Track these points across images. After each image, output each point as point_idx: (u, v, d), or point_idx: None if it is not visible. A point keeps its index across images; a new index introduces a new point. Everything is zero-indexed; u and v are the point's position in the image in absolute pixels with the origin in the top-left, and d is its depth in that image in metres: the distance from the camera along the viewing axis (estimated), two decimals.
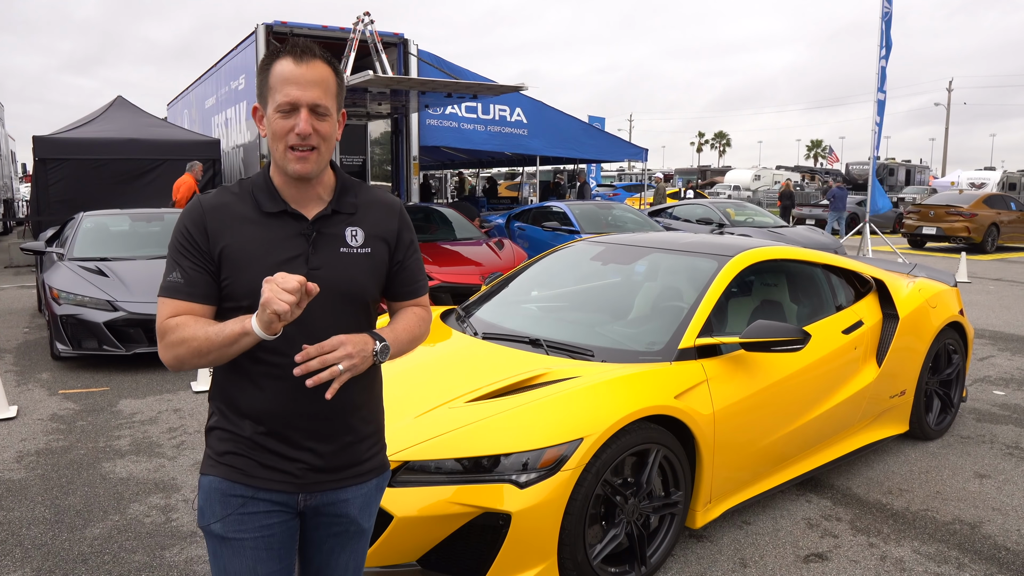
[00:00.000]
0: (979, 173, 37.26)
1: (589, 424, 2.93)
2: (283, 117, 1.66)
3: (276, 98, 1.66)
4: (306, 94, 1.64)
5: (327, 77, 1.68)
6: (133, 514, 3.83)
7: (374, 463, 1.86)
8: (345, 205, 1.77)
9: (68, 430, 5.07)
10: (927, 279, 5.15)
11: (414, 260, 1.89)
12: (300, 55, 1.66)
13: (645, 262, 4.32)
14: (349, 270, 1.73)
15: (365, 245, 1.76)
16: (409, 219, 1.88)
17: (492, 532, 2.80)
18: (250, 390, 1.71)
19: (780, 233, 12.59)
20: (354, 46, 12.09)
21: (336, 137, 1.75)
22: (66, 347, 6.52)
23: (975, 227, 17.77)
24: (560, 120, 17.30)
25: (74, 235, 7.76)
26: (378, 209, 1.82)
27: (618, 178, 41.68)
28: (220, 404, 1.77)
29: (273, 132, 1.68)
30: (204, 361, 1.62)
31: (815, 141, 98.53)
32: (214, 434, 1.78)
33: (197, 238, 1.69)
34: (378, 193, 1.86)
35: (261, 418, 1.72)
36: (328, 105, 1.68)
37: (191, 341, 1.60)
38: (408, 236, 1.86)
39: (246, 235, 1.69)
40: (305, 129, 1.64)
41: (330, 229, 1.74)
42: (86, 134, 13.09)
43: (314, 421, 1.73)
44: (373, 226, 1.78)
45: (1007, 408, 5.64)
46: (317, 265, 1.70)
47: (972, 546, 3.60)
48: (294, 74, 1.65)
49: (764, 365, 3.68)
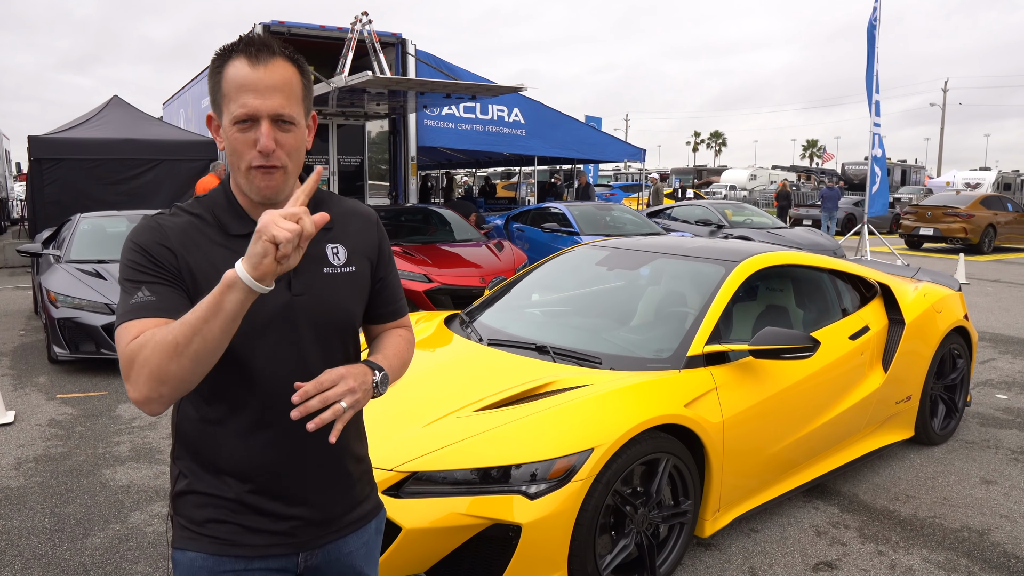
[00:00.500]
0: (974, 173, 37.37)
1: (600, 434, 2.89)
2: (241, 130, 1.41)
3: (231, 108, 1.40)
4: (266, 103, 1.39)
5: (290, 79, 1.43)
6: (134, 523, 3.78)
7: (369, 504, 1.68)
8: None
9: (67, 436, 5.02)
10: (932, 283, 5.13)
11: (394, 276, 1.71)
12: (256, 54, 1.40)
13: (651, 267, 4.28)
14: (336, 293, 1.52)
15: (348, 263, 1.56)
16: (384, 230, 1.69)
17: (502, 544, 2.76)
18: (231, 442, 1.48)
19: (779, 235, 12.58)
20: (352, 46, 12.05)
21: (307, 146, 1.50)
22: (64, 351, 6.46)
23: (972, 228, 17.79)
24: (558, 120, 17.29)
25: (71, 237, 7.70)
26: (356, 221, 1.62)
27: (614, 178, 41.66)
28: (191, 464, 1.52)
29: (232, 148, 1.43)
30: (184, 360, 1.27)
31: (811, 141, 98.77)
32: (187, 500, 1.52)
33: (159, 256, 1.41)
34: (351, 203, 1.66)
35: (247, 474, 1.48)
36: (293, 113, 1.42)
37: (164, 338, 1.27)
38: (387, 249, 1.68)
39: (216, 261, 1.43)
40: (267, 146, 1.39)
41: (309, 249, 1.46)
42: (82, 134, 13.01)
43: (309, 470, 1.52)
44: (354, 241, 1.59)
45: (1010, 412, 5.62)
46: (300, 290, 1.48)
47: (981, 554, 3.57)
48: (250, 79, 1.39)
49: (772, 372, 3.65)
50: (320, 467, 1.54)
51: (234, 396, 1.47)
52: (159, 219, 1.48)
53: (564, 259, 4.77)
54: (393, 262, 1.71)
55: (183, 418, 1.54)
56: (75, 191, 12.25)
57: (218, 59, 1.44)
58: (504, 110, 16.41)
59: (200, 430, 1.50)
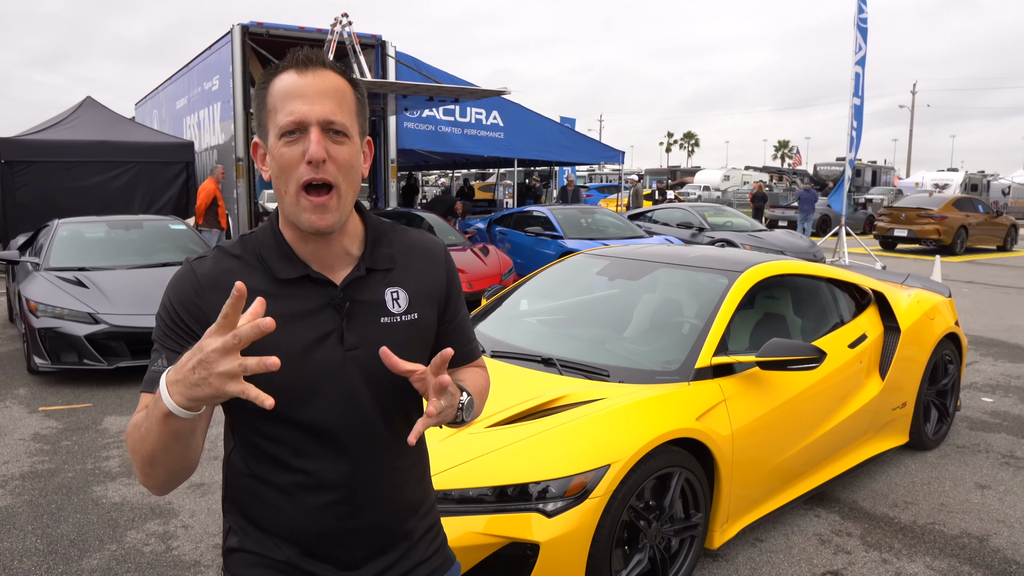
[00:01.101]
0: (942, 174, 38.10)
1: (615, 450, 2.87)
2: (288, 143, 1.27)
3: (278, 119, 1.28)
4: (315, 108, 1.26)
5: (342, 88, 1.31)
6: (131, 543, 3.69)
7: (436, 561, 1.51)
8: (380, 259, 1.40)
9: (53, 451, 4.89)
10: (923, 290, 5.19)
11: (464, 317, 1.54)
12: (304, 64, 1.30)
13: (653, 278, 4.27)
14: (395, 347, 1.32)
15: (410, 310, 1.40)
16: (453, 263, 1.54)
17: (519, 562, 2.73)
18: (278, 504, 1.37)
19: (760, 237, 12.69)
20: (332, 48, 11.93)
21: (363, 172, 1.35)
22: (44, 361, 6.31)
23: (945, 229, 18.11)
24: (536, 122, 17.31)
25: (50, 244, 7.52)
26: (419, 258, 1.46)
27: (588, 179, 41.80)
28: (240, 520, 1.42)
29: (279, 166, 1.28)
30: (149, 459, 1.21)
31: (782, 142, 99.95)
32: (238, 557, 1.42)
33: (187, 321, 1.30)
34: (415, 236, 1.50)
35: (298, 537, 1.38)
36: (346, 123, 1.29)
37: (130, 435, 1.21)
38: (456, 287, 1.52)
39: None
40: (317, 153, 1.24)
41: (365, 295, 1.36)
42: (55, 136, 12.73)
43: (365, 535, 1.40)
44: (417, 283, 1.43)
45: (997, 415, 5.71)
46: (354, 344, 1.34)
47: (983, 560, 3.61)
48: (298, 85, 1.28)
49: (776, 383, 3.66)
50: (376, 532, 1.42)
51: (286, 456, 1.35)
52: (197, 267, 1.35)
53: (562, 268, 4.75)
54: (463, 301, 1.55)
55: (231, 470, 1.42)
56: (48, 195, 11.97)
57: (264, 78, 1.33)
58: (482, 113, 16.39)
59: (249, 486, 1.39)
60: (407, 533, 1.46)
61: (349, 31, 12.08)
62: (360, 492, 1.31)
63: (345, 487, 1.35)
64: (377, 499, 1.38)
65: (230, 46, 12.36)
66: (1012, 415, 5.73)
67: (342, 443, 1.34)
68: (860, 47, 13.45)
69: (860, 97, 13.62)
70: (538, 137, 17.24)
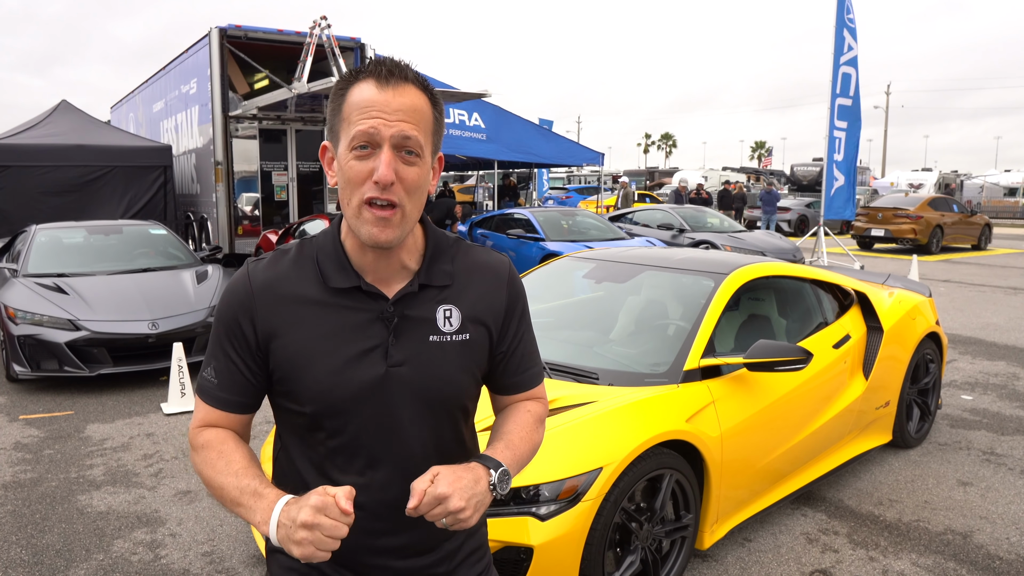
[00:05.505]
0: (916, 174, 38.63)
1: (607, 453, 2.89)
2: (359, 157, 1.24)
3: (350, 131, 1.25)
4: (391, 126, 1.23)
5: (421, 107, 1.28)
6: (118, 552, 3.65)
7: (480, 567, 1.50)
8: (437, 275, 1.37)
9: (35, 460, 4.83)
10: (905, 290, 5.26)
11: (526, 341, 1.48)
12: (386, 76, 1.26)
13: (640, 280, 4.30)
14: (442, 365, 1.33)
15: (462, 330, 1.36)
16: (520, 283, 1.48)
17: (513, 566, 2.74)
18: None
19: (741, 238, 12.79)
20: (311, 50, 11.88)
21: (429, 190, 1.33)
22: (24, 369, 6.22)
23: (921, 229, 18.35)
24: (518, 125, 17.32)
25: (27, 250, 7.42)
26: (481, 278, 1.41)
27: (567, 180, 41.89)
28: None
29: (346, 178, 1.26)
30: (207, 485, 1.34)
31: (759, 142, 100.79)
32: (278, 559, 1.44)
33: (243, 326, 1.33)
34: (479, 254, 1.45)
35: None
36: (421, 143, 1.26)
37: (207, 478, 1.32)
38: (520, 309, 1.46)
39: (308, 324, 1.31)
40: (386, 176, 1.22)
41: (417, 311, 1.34)
42: (29, 140, 12.55)
43: (401, 556, 1.40)
44: (472, 304, 1.39)
45: (977, 413, 5.80)
46: (399, 360, 1.31)
47: (967, 556, 3.67)
48: (376, 99, 1.24)
49: (764, 384, 3.69)
50: (414, 553, 1.40)
51: (326, 470, 1.35)
52: (252, 272, 1.36)
53: (548, 271, 4.76)
54: (527, 322, 1.50)
55: (280, 471, 1.43)
56: (23, 200, 11.80)
57: (343, 82, 1.30)
58: (464, 114, 16.36)
59: (295, 486, 1.37)
60: (446, 556, 1.44)
61: (328, 34, 12.02)
62: (399, 515, 1.30)
63: (381, 503, 1.34)
64: (413, 523, 1.33)
65: (208, 49, 12.27)
66: (991, 412, 5.82)
67: (378, 459, 1.33)
68: (850, 47, 13.56)
69: (853, 97, 13.73)
70: (519, 139, 17.25)
